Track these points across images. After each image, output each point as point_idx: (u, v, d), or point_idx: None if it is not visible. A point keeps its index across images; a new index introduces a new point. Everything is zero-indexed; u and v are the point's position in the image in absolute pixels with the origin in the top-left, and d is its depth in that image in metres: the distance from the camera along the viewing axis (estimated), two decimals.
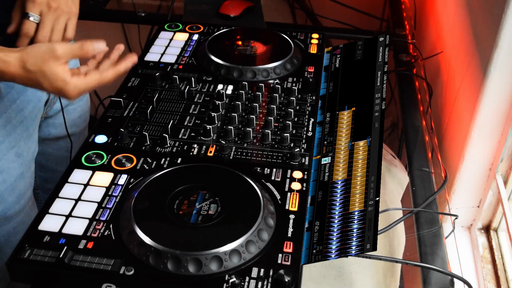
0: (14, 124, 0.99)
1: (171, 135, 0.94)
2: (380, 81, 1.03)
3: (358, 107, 1.01)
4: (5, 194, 1.01)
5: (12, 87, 0.98)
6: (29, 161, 1.05)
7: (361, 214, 0.79)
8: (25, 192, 1.05)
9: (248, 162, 0.90)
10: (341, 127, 0.98)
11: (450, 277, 0.93)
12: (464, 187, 1.23)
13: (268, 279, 0.71)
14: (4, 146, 0.98)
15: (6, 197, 1.01)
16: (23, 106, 1.01)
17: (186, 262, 0.71)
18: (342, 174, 0.89)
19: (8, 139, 0.99)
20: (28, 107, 1.02)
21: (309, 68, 1.14)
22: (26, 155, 1.03)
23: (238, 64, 1.10)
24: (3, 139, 0.98)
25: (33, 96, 1.03)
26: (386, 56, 1.10)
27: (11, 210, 1.02)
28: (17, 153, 1.01)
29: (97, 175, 0.86)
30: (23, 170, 1.03)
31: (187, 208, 0.79)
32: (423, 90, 1.40)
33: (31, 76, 0.81)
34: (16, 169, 1.01)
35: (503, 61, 1.04)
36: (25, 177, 1.04)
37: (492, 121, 1.12)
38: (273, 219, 0.79)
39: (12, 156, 1.00)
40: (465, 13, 1.26)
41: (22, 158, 1.02)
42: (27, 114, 1.02)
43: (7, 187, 1.00)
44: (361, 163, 0.89)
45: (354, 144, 0.93)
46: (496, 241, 1.22)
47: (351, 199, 0.84)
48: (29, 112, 1.03)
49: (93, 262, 0.72)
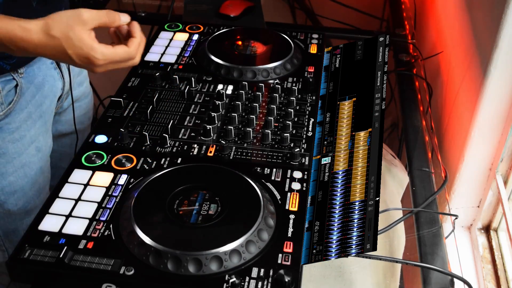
0: (34, 119, 1.01)
1: (171, 135, 0.94)
2: (380, 81, 1.03)
3: (358, 98, 1.01)
4: (26, 188, 1.02)
5: (32, 82, 0.99)
6: (47, 155, 1.07)
7: (361, 214, 0.79)
8: (44, 186, 1.07)
9: (248, 162, 0.90)
10: (342, 117, 0.99)
11: (450, 277, 0.93)
12: (464, 187, 1.23)
13: (268, 279, 0.71)
14: (25, 140, 0.99)
15: (27, 191, 1.03)
16: (42, 101, 1.02)
17: (186, 262, 0.71)
18: (343, 164, 0.89)
19: (29, 133, 1.00)
20: (46, 102, 1.04)
21: (309, 68, 1.14)
22: (44, 149, 1.05)
23: (238, 64, 1.10)
24: (24, 134, 0.99)
25: (50, 91, 1.04)
26: (386, 56, 1.10)
27: (32, 204, 1.04)
28: (37, 148, 1.02)
29: (97, 175, 0.86)
30: (42, 165, 1.05)
31: (187, 208, 0.79)
32: (423, 90, 1.40)
33: (56, 43, 0.77)
34: (36, 163, 1.03)
35: (503, 61, 1.04)
36: (44, 172, 1.06)
37: (492, 121, 1.12)
38: (273, 219, 0.79)
39: (33, 150, 1.01)
40: (465, 13, 1.26)
41: (41, 152, 1.03)
42: (45, 109, 1.04)
43: (28, 181, 1.02)
44: (362, 153, 0.89)
45: (355, 134, 0.94)
46: (496, 241, 1.22)
47: (352, 189, 0.84)
48: (47, 107, 1.04)
49: (93, 262, 0.72)
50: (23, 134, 0.99)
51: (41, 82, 1.01)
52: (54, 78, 1.05)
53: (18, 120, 0.97)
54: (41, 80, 1.02)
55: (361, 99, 1.01)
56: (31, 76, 0.99)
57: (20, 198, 1.02)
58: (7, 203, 1.01)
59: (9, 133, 0.97)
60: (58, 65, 1.05)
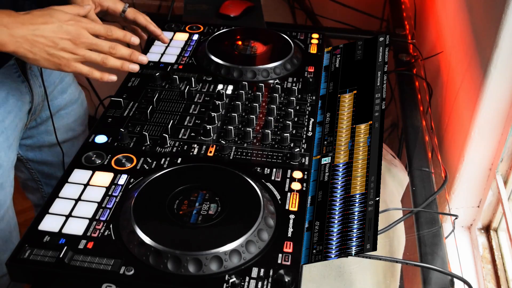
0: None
1: (171, 135, 0.94)
2: (380, 81, 1.03)
3: (359, 91, 1.01)
4: None
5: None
6: (9, 170, 1.02)
7: (361, 214, 0.79)
8: (5, 201, 1.02)
9: (248, 162, 0.90)
10: (343, 110, 0.99)
11: (450, 277, 0.93)
12: (464, 187, 1.23)
13: (268, 279, 0.71)
14: None
15: None
16: (4, 116, 0.98)
17: (186, 262, 0.71)
18: (344, 157, 0.89)
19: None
20: (9, 117, 0.99)
21: (309, 68, 1.14)
22: (5, 165, 1.01)
23: (238, 64, 1.10)
24: None
25: (14, 105, 1.00)
26: (386, 56, 1.10)
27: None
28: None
29: (97, 175, 0.86)
30: (3, 181, 1.00)
31: (187, 208, 0.79)
32: (423, 90, 1.40)
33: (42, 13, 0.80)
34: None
35: (503, 61, 1.04)
36: (4, 187, 1.01)
37: (492, 121, 1.12)
38: (273, 219, 0.79)
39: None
40: (465, 13, 1.26)
41: (2, 168, 0.99)
42: (8, 124, 0.99)
43: None
44: (362, 146, 0.89)
45: (355, 127, 0.94)
46: (496, 241, 1.22)
47: (353, 182, 0.84)
48: (10, 122, 1.00)
49: (93, 262, 0.72)
50: None
51: (5, 96, 0.97)
52: (20, 91, 1.01)
53: None
54: (5, 95, 0.97)
55: (362, 94, 1.01)
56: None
57: None
58: None
59: None
60: (26, 78, 1.01)
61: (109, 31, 0.88)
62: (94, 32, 0.86)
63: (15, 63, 0.99)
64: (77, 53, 0.84)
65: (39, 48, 0.81)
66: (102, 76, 0.87)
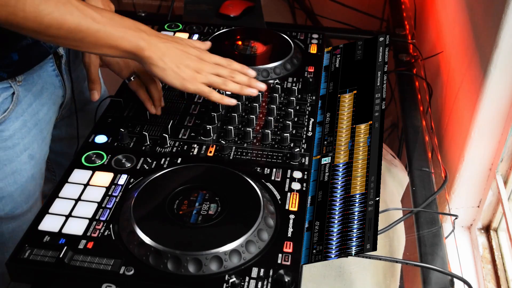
0: (29, 127, 0.99)
1: (171, 135, 0.94)
2: (380, 81, 1.03)
3: (359, 92, 1.01)
4: (15, 194, 1.01)
5: (29, 91, 0.98)
6: (41, 162, 1.06)
7: (361, 214, 0.79)
8: (34, 192, 1.05)
9: (248, 162, 0.90)
10: (343, 110, 0.99)
11: (450, 277, 0.93)
12: (464, 187, 1.23)
13: (268, 279, 0.71)
14: (18, 148, 0.98)
15: (16, 197, 1.01)
16: (38, 109, 1.01)
17: (186, 262, 0.71)
18: (344, 157, 0.89)
19: (22, 141, 0.99)
20: (43, 110, 1.02)
21: (309, 68, 1.14)
22: (38, 157, 1.04)
23: None
24: (17, 142, 0.98)
25: (48, 99, 1.03)
26: (386, 56, 1.10)
27: (19, 210, 1.03)
28: (30, 155, 1.01)
29: (97, 175, 0.86)
30: (34, 172, 1.03)
31: (187, 208, 0.79)
32: (423, 90, 1.40)
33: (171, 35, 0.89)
34: (28, 171, 1.02)
35: (503, 61, 1.04)
36: (35, 178, 1.04)
37: (492, 121, 1.12)
38: (273, 219, 0.79)
39: (25, 158, 1.00)
40: (465, 13, 1.26)
41: (34, 160, 1.02)
42: (42, 117, 1.02)
43: (17, 188, 1.01)
44: (362, 147, 0.89)
45: (355, 127, 0.94)
46: (496, 241, 1.22)
47: (353, 182, 0.84)
48: (44, 115, 1.03)
49: (93, 262, 0.72)
50: (16, 142, 0.97)
51: (40, 90, 1.00)
52: (54, 86, 1.04)
53: (12, 128, 0.96)
54: (40, 88, 1.00)
55: (362, 94, 1.01)
56: (30, 84, 0.97)
57: (7, 204, 1.01)
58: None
59: (1, 141, 0.95)
60: (60, 73, 1.04)
61: (229, 61, 0.93)
62: (216, 61, 0.92)
63: (52, 58, 1.01)
64: (201, 73, 0.88)
65: (170, 59, 0.86)
66: (222, 98, 0.91)
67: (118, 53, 0.85)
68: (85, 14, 0.80)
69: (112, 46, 0.83)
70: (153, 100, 0.98)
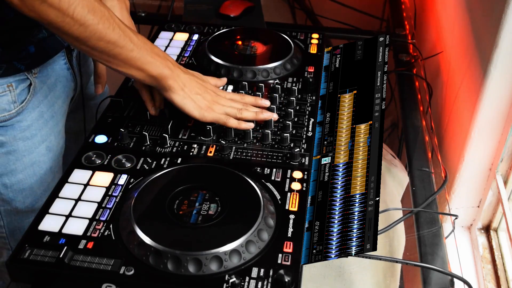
0: (46, 118, 1.01)
1: (171, 135, 0.94)
2: (380, 81, 1.03)
3: (359, 92, 1.01)
4: (35, 186, 1.03)
5: (45, 83, 1.00)
6: (58, 155, 1.07)
7: (361, 214, 0.79)
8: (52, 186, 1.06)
9: (248, 162, 0.90)
10: (343, 110, 0.99)
11: (450, 277, 0.93)
12: (464, 187, 1.23)
13: (268, 279, 0.71)
14: (36, 139, 1.00)
15: (36, 189, 1.03)
16: (54, 101, 1.03)
17: (186, 262, 0.71)
18: (344, 157, 0.90)
19: (40, 133, 1.01)
20: (58, 102, 1.04)
21: (309, 68, 1.14)
22: (55, 149, 1.06)
23: (238, 64, 1.10)
24: (35, 133, 1.00)
25: (62, 92, 1.05)
26: (386, 56, 1.10)
27: (39, 203, 1.04)
28: (48, 147, 1.03)
29: (97, 175, 0.86)
30: (52, 164, 1.05)
31: (187, 208, 0.79)
32: (423, 90, 1.40)
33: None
34: (46, 162, 1.03)
35: (503, 61, 1.04)
36: (53, 172, 1.06)
37: (492, 121, 1.12)
38: (273, 219, 0.79)
39: (43, 150, 1.02)
40: (465, 13, 1.26)
41: (52, 152, 1.04)
42: (57, 109, 1.04)
43: (37, 180, 1.03)
44: (362, 147, 0.89)
45: (355, 127, 0.94)
46: (496, 241, 1.22)
47: (353, 182, 0.84)
48: (59, 108, 1.05)
49: (93, 262, 0.72)
50: (34, 133, 0.99)
51: (54, 83, 1.02)
52: (67, 79, 1.06)
53: (30, 118, 0.98)
54: (54, 81, 1.02)
55: (362, 94, 1.01)
56: (45, 76, 0.99)
57: (28, 196, 1.03)
58: (15, 200, 1.02)
59: (20, 131, 0.97)
60: (71, 66, 1.06)
61: (242, 95, 1.00)
62: (230, 97, 0.98)
63: (63, 51, 1.03)
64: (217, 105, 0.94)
65: (190, 88, 0.92)
66: (239, 124, 0.94)
67: (143, 76, 0.89)
68: (125, 33, 0.85)
69: (140, 68, 0.88)
70: (155, 101, 0.98)
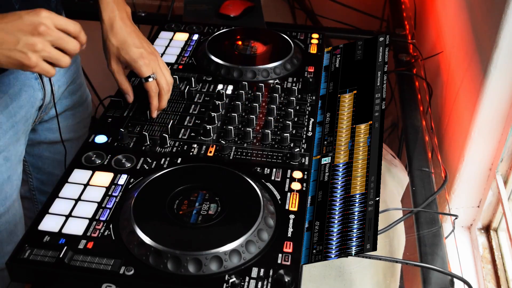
0: (5, 129, 0.98)
1: (171, 135, 0.94)
2: (380, 81, 1.03)
3: (359, 92, 1.01)
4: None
5: (6, 92, 0.97)
6: (16, 163, 1.04)
7: (361, 214, 0.79)
8: (11, 194, 1.04)
9: (248, 162, 0.90)
10: (343, 110, 0.99)
11: (450, 277, 0.93)
12: (464, 187, 1.23)
13: (268, 279, 0.71)
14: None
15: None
16: (15, 111, 1.00)
17: (186, 262, 0.71)
18: (344, 157, 0.90)
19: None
20: (21, 112, 1.01)
21: (309, 68, 1.14)
22: (13, 158, 1.02)
23: (238, 64, 1.10)
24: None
25: (27, 101, 1.02)
26: (386, 56, 1.10)
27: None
28: (5, 157, 1.00)
29: (97, 175, 0.86)
30: (10, 173, 1.02)
31: (187, 208, 0.79)
32: (423, 90, 1.40)
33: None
34: (3, 172, 1.00)
35: (503, 61, 1.04)
36: (11, 180, 1.03)
37: (492, 121, 1.12)
38: (273, 219, 0.79)
39: (0, 160, 0.99)
40: (465, 13, 1.26)
41: (9, 161, 1.01)
42: (19, 119, 1.01)
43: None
44: (362, 147, 0.89)
45: (355, 127, 0.94)
46: (496, 241, 1.22)
47: (353, 182, 0.84)
48: (21, 117, 1.02)
49: (93, 262, 0.72)
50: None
51: (17, 92, 0.99)
52: (33, 88, 1.02)
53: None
54: (18, 90, 0.99)
55: (362, 94, 1.01)
56: (6, 85, 0.96)
57: None
58: None
59: None
60: (40, 76, 1.03)
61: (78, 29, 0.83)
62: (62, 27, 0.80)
63: None
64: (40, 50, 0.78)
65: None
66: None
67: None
68: None
69: None
70: (160, 106, 0.98)
